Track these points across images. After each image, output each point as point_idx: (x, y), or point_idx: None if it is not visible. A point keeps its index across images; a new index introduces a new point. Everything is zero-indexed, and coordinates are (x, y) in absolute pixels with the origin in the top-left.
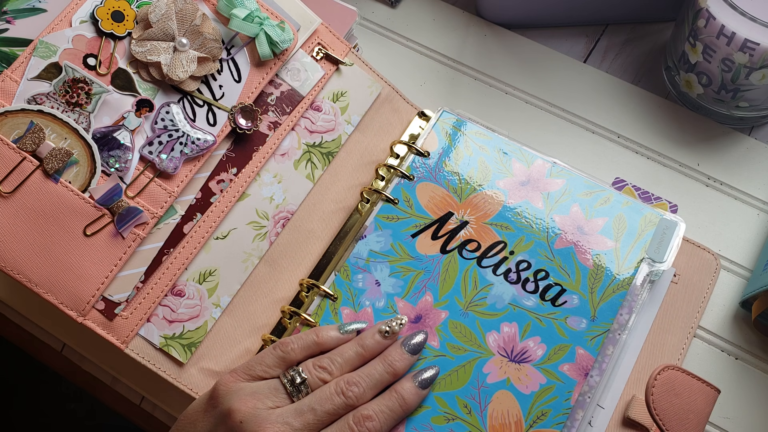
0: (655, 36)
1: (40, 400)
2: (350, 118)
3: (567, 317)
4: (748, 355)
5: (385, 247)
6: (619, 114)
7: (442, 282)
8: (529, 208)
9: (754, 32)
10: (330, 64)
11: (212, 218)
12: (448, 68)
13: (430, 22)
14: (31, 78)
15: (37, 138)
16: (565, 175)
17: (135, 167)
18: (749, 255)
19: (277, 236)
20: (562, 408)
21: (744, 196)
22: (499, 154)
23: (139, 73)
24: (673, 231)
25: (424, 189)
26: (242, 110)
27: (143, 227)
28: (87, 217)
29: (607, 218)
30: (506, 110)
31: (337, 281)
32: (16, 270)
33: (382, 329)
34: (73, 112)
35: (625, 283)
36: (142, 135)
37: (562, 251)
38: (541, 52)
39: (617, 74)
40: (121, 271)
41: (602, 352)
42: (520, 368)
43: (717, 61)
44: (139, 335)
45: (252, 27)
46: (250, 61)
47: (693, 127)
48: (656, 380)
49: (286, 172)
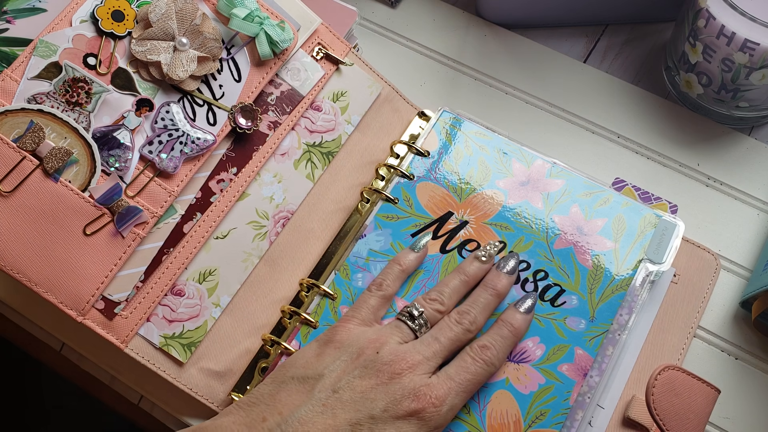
0: (655, 36)
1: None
2: (350, 118)
3: (566, 318)
4: (748, 355)
5: (384, 246)
6: (619, 114)
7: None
8: (529, 208)
9: (754, 32)
10: (330, 64)
11: (212, 218)
12: (448, 68)
13: (430, 22)
14: (31, 77)
15: (37, 137)
16: (564, 175)
17: (135, 166)
18: (749, 255)
19: (277, 236)
20: (560, 408)
21: (744, 196)
22: (499, 154)
23: (139, 73)
24: (672, 232)
25: (424, 189)
26: (242, 110)
27: (143, 227)
28: (87, 216)
29: (607, 219)
30: (506, 110)
31: (337, 280)
32: (15, 269)
33: (479, 255)
34: (73, 111)
35: (624, 283)
36: (142, 134)
37: (561, 252)
38: (541, 52)
39: (617, 74)
40: (121, 271)
41: (601, 352)
42: (519, 368)
43: (717, 61)
44: (138, 335)
45: (252, 26)
46: (250, 61)
47: (693, 127)
48: (656, 380)
49: (286, 171)
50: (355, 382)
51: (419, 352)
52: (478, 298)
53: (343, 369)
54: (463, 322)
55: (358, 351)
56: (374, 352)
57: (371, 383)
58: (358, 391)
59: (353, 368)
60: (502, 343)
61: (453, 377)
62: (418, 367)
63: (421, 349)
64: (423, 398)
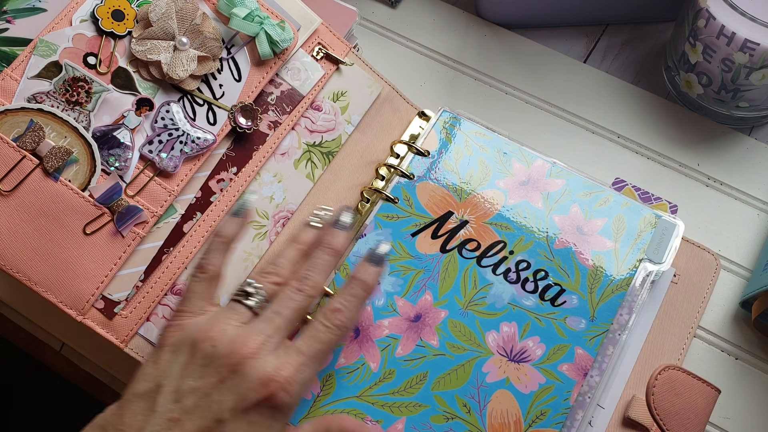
0: (655, 36)
1: (38, 400)
2: (350, 117)
3: (566, 317)
4: (748, 355)
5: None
6: (619, 114)
7: (442, 281)
8: (529, 208)
9: (754, 32)
10: (330, 63)
11: (212, 217)
12: (448, 68)
13: (430, 22)
14: (32, 77)
15: (36, 136)
16: (564, 175)
17: (135, 166)
18: (749, 255)
19: (277, 236)
20: (561, 408)
21: (744, 196)
22: (499, 154)
23: (139, 72)
24: (672, 232)
25: (423, 188)
26: (242, 109)
27: (143, 226)
28: (87, 215)
29: (607, 219)
30: (506, 110)
31: (337, 279)
32: (15, 268)
33: (310, 221)
34: (73, 110)
35: (624, 283)
36: (142, 134)
37: (561, 251)
38: (541, 52)
39: (617, 74)
40: (121, 270)
41: (602, 352)
42: (519, 368)
43: (717, 61)
44: (138, 334)
45: (252, 26)
46: (250, 61)
47: (693, 127)
48: (657, 380)
49: (286, 171)
50: (197, 384)
51: (261, 332)
52: (317, 261)
53: (181, 372)
54: (304, 289)
55: (193, 347)
56: (211, 346)
57: (213, 381)
58: (201, 393)
59: (192, 369)
60: (355, 303)
61: (303, 350)
62: (261, 350)
63: (262, 328)
64: (271, 384)
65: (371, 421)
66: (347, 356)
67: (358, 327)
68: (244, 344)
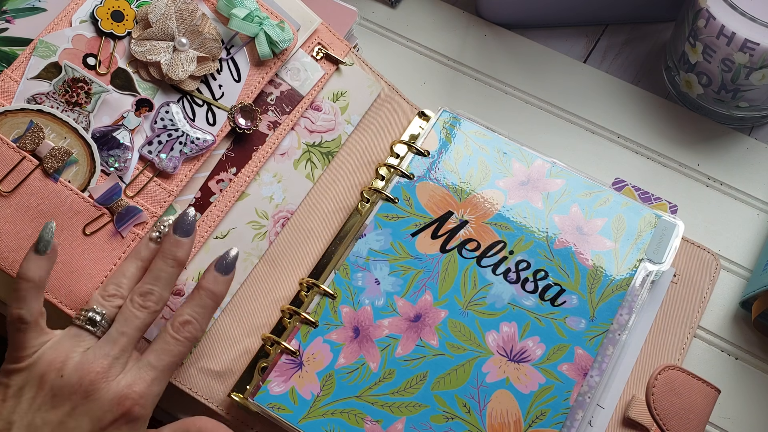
0: (655, 36)
1: None
2: (350, 117)
3: (566, 317)
4: (748, 355)
5: (384, 245)
6: (619, 114)
7: (442, 281)
8: (529, 208)
9: (754, 32)
10: (330, 63)
11: (212, 218)
12: (448, 68)
13: (430, 22)
14: (31, 77)
15: (36, 137)
16: (564, 175)
17: (134, 167)
18: (749, 255)
19: (276, 236)
20: (561, 408)
21: (744, 196)
22: (498, 154)
23: (138, 73)
24: (671, 232)
25: (423, 188)
26: (242, 110)
27: (142, 227)
28: (86, 216)
29: (607, 219)
30: (506, 110)
31: (337, 280)
32: (15, 269)
33: (152, 236)
34: (73, 111)
35: (624, 283)
36: (141, 134)
37: (561, 251)
38: (541, 52)
39: (617, 74)
40: None
41: (602, 352)
42: (519, 368)
43: (717, 61)
44: None
45: (252, 26)
46: (249, 61)
47: (693, 127)
48: (657, 380)
49: (285, 171)
50: (50, 416)
51: (107, 355)
52: (160, 274)
53: (31, 406)
54: (148, 306)
55: (40, 380)
56: (58, 376)
57: (66, 410)
58: (55, 423)
59: (41, 401)
60: (204, 314)
61: (155, 364)
62: (110, 372)
63: (108, 350)
64: (126, 401)
65: (371, 421)
66: (347, 356)
67: (358, 327)
68: (92, 369)
